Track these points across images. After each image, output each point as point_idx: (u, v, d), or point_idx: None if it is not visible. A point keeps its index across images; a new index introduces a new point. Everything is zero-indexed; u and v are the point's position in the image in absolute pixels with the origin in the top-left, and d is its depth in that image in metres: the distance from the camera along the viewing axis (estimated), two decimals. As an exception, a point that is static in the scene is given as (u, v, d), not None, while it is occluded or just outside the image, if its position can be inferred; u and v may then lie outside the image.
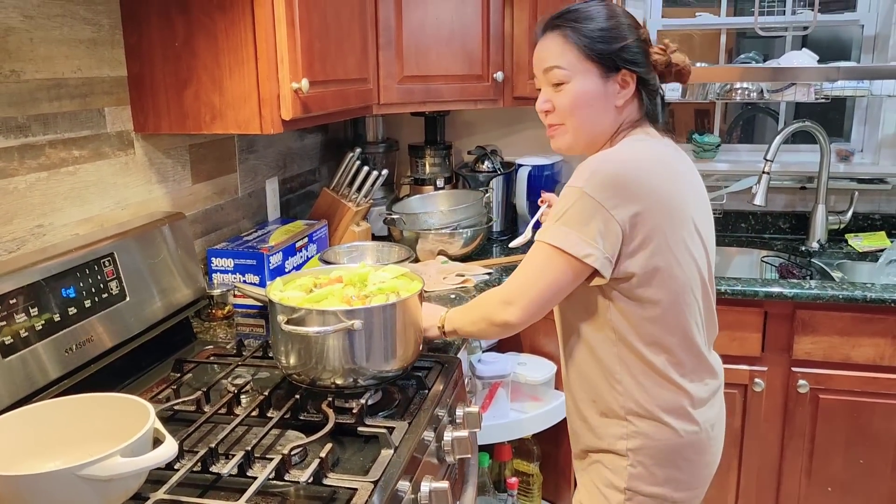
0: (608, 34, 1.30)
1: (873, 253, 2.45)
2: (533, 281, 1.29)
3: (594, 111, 1.32)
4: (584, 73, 1.30)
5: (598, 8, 1.33)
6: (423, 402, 1.39)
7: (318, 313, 1.30)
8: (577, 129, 1.34)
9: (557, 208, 1.27)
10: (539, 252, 1.28)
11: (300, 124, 1.70)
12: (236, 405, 1.36)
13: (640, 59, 1.31)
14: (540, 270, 1.28)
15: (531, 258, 1.29)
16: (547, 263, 1.27)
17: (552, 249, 1.25)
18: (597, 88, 1.30)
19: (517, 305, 1.30)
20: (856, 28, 2.65)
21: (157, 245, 1.57)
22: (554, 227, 1.25)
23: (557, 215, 1.26)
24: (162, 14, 1.56)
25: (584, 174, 1.24)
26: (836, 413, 2.12)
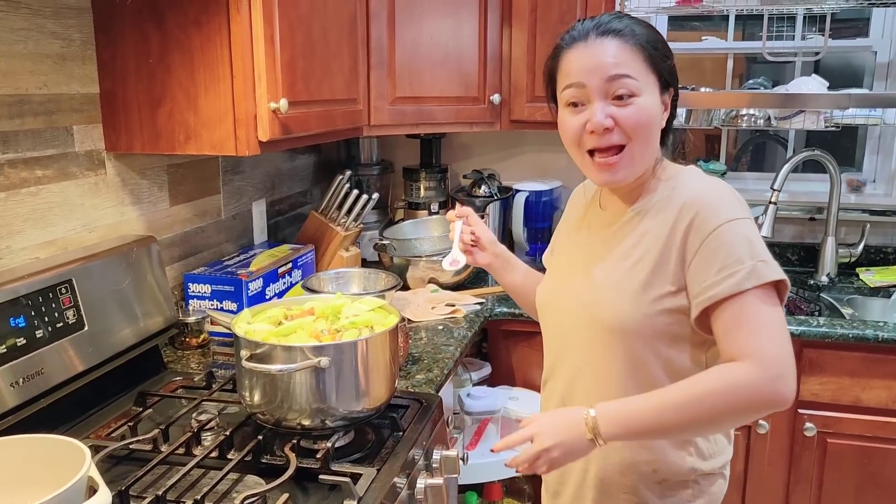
0: (664, 45, 1.14)
1: (886, 288, 2.33)
2: (784, 336, 1.04)
3: (656, 132, 1.14)
4: (651, 86, 1.11)
5: (639, 22, 1.14)
6: (396, 446, 1.30)
7: (284, 349, 1.22)
8: (640, 154, 1.13)
9: (733, 248, 1.05)
10: (766, 299, 1.04)
11: (280, 146, 1.62)
12: (195, 445, 1.28)
13: (676, 79, 1.17)
14: (780, 320, 1.04)
15: (773, 309, 1.04)
16: (776, 307, 1.05)
17: (771, 286, 1.05)
18: (657, 106, 1.13)
19: (789, 376, 1.02)
20: (867, 55, 2.56)
21: (122, 270, 1.49)
22: (764, 262, 1.04)
23: (750, 250, 1.05)
24: (136, 28, 1.49)
25: (726, 206, 1.08)
26: (845, 458, 2.01)
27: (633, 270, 1.15)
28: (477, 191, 2.58)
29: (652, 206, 1.16)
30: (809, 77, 2.29)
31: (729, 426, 1.20)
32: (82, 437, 1.30)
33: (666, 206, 1.13)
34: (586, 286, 1.21)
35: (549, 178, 2.56)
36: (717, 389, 1.03)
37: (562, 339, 1.28)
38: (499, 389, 2.11)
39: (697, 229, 1.08)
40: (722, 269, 1.04)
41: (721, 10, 2.36)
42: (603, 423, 1.06)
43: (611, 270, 1.18)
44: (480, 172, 2.59)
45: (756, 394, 1.01)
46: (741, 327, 1.03)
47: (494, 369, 2.21)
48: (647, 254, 1.14)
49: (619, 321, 1.15)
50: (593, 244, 1.25)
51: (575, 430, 1.07)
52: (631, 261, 1.16)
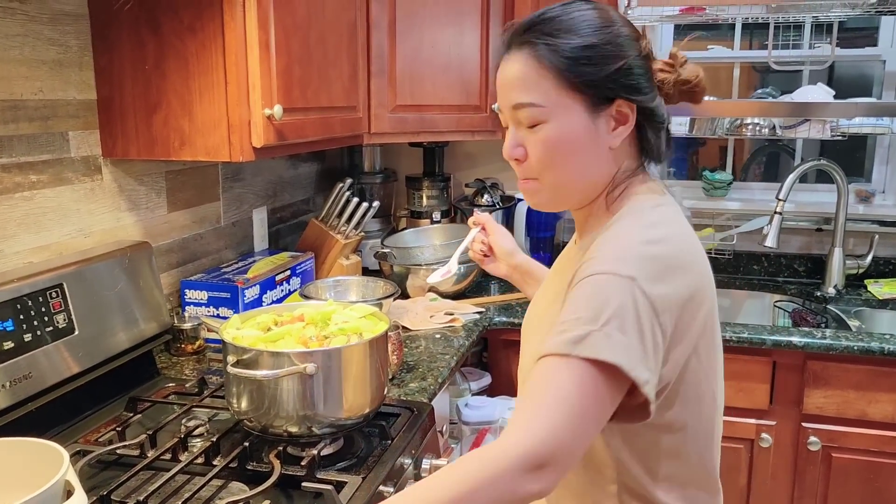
0: (598, 52, 0.93)
1: (894, 300, 2.29)
2: (569, 420, 0.79)
3: (581, 158, 0.96)
4: (565, 108, 0.94)
5: (583, 14, 0.95)
6: (384, 454, 1.29)
7: (271, 355, 1.21)
8: (559, 184, 0.98)
9: (585, 303, 0.85)
10: (571, 373, 0.81)
11: (276, 152, 1.62)
12: (182, 451, 1.27)
13: (641, 84, 0.95)
14: (580, 403, 0.80)
15: (556, 382, 0.81)
16: (591, 390, 0.81)
17: (597, 368, 0.81)
18: (583, 129, 0.94)
19: (553, 468, 0.79)
20: (877, 64, 2.53)
21: (115, 275, 1.49)
22: (610, 336, 0.81)
23: (605, 313, 0.82)
24: (133, 35, 1.50)
25: (618, 258, 0.87)
26: (850, 473, 1.96)
27: (545, 325, 0.98)
28: (479, 200, 2.57)
29: (590, 245, 0.96)
30: (815, 86, 2.26)
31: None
32: (71, 442, 1.31)
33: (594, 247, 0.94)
34: (529, 326, 1.12)
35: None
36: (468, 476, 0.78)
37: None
38: (498, 400, 2.09)
39: (576, 278, 0.89)
40: (563, 322, 0.85)
41: (726, 18, 2.34)
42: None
43: (541, 312, 1.08)
44: (483, 182, 2.59)
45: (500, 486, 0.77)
46: (536, 395, 0.81)
47: (494, 379, 2.19)
48: (555, 308, 0.96)
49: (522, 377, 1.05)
50: (549, 280, 1.14)
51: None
52: (549, 312, 1.02)
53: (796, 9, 2.23)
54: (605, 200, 0.99)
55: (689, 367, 0.92)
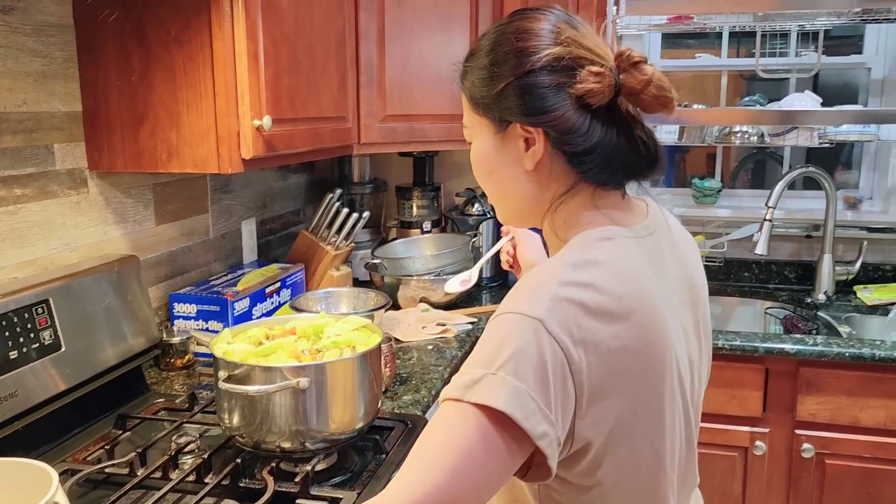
0: (486, 74, 0.89)
1: (884, 306, 2.30)
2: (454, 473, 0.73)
3: (502, 178, 0.93)
4: (479, 128, 0.93)
5: (486, 36, 0.93)
6: (379, 469, 1.27)
7: (263, 370, 1.19)
8: (493, 199, 0.98)
9: (487, 344, 0.78)
10: (463, 419, 0.74)
11: (265, 163, 1.61)
12: (172, 468, 1.24)
13: (539, 104, 0.85)
14: (468, 454, 0.73)
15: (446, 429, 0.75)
16: (482, 439, 0.73)
17: (488, 415, 0.73)
18: (493, 149, 0.91)
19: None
20: (862, 71, 2.55)
21: (102, 290, 1.47)
22: (503, 379, 0.73)
23: (497, 355, 0.75)
24: (118, 46, 1.48)
25: (523, 298, 0.79)
26: (844, 480, 1.96)
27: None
28: (470, 209, 2.56)
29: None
30: (803, 93, 2.27)
31: None
32: (59, 460, 1.28)
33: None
34: None
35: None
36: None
37: None
38: (491, 410, 2.07)
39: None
40: (465, 364, 0.79)
41: (713, 27, 2.35)
42: None
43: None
44: (473, 191, 2.58)
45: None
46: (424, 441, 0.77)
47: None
48: None
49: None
50: None
51: None
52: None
53: (783, 17, 2.25)
54: (552, 226, 0.92)
55: (623, 423, 0.81)
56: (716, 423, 2.01)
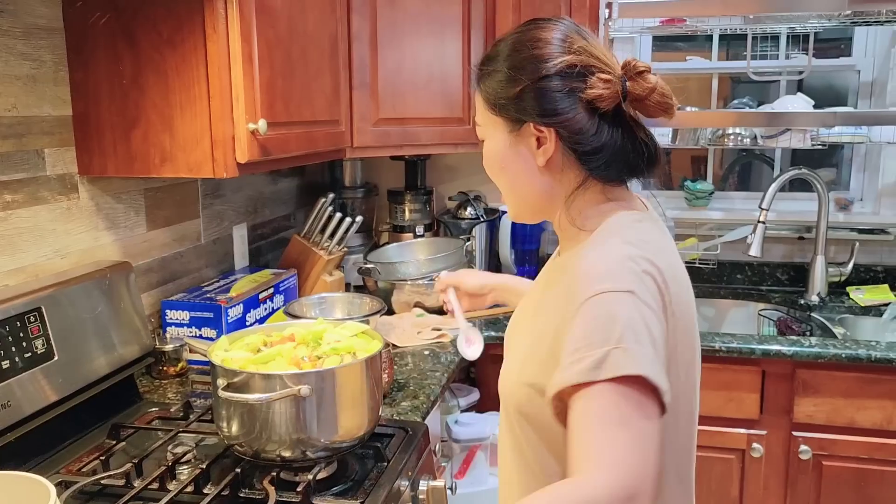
0: (504, 77, 0.96)
1: (876, 307, 2.31)
2: (639, 445, 0.77)
3: (515, 174, 1.00)
4: (493, 128, 1.00)
5: (505, 41, 1.00)
6: (381, 477, 1.25)
7: (262, 377, 1.17)
8: (506, 195, 1.05)
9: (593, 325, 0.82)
10: (606, 399, 0.79)
11: (260, 168, 1.58)
12: (170, 479, 1.22)
13: (553, 106, 0.93)
14: (637, 426, 0.78)
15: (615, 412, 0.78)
16: (636, 409, 0.79)
17: (626, 384, 0.78)
18: (507, 147, 0.98)
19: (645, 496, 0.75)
20: (850, 74, 2.57)
21: (95, 297, 1.44)
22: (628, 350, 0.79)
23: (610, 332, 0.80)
24: (109, 49, 1.45)
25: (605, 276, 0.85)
26: (841, 481, 1.96)
27: (530, 333, 1.00)
28: (463, 213, 2.54)
29: (567, 262, 0.98)
30: (795, 96, 2.28)
31: None
32: (53, 472, 1.25)
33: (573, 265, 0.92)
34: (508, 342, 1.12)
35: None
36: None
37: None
38: (487, 415, 2.05)
39: (571, 302, 0.86)
40: (575, 351, 0.82)
41: (705, 29, 2.36)
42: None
43: (520, 328, 1.07)
44: (466, 194, 2.57)
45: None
46: (588, 430, 0.79)
47: (483, 395, 2.16)
48: (541, 316, 0.99)
49: (506, 391, 1.02)
50: (532, 293, 1.11)
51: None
52: (533, 322, 1.02)
53: (773, 20, 2.26)
54: (568, 218, 0.98)
55: (676, 385, 0.86)
56: (713, 426, 2.00)
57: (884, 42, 2.44)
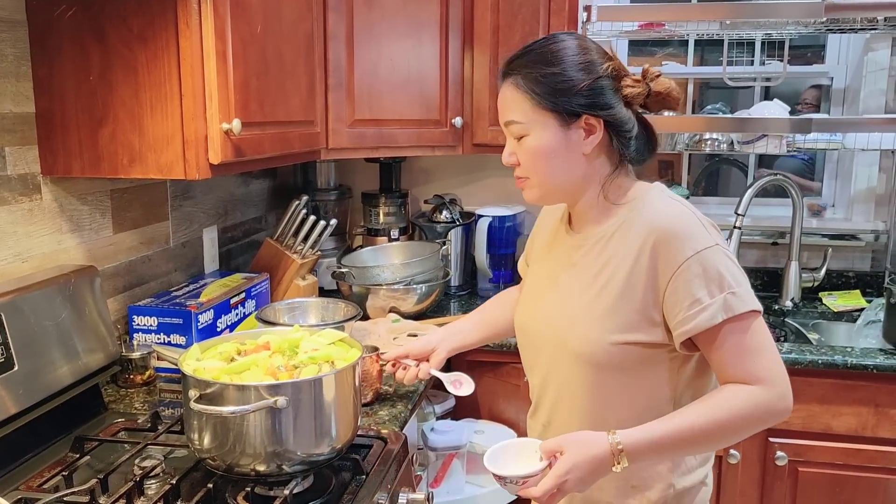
0: (563, 78, 1.13)
1: (849, 312, 2.33)
2: (777, 354, 1.11)
3: (559, 163, 1.16)
4: (541, 123, 1.15)
5: (555, 46, 1.16)
6: (359, 491, 1.21)
7: (236, 388, 1.12)
8: (543, 182, 1.19)
9: (707, 278, 1.07)
10: (757, 324, 1.10)
11: (233, 169, 1.53)
12: (137, 496, 1.16)
13: (605, 101, 1.13)
14: (769, 341, 1.11)
15: (758, 335, 1.09)
16: (760, 329, 1.10)
17: (759, 316, 1.10)
18: (557, 139, 1.15)
19: (789, 388, 1.11)
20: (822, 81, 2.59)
21: (58, 303, 1.37)
22: (734, 294, 1.07)
23: (720, 282, 1.07)
24: (76, 44, 1.39)
25: (694, 235, 1.09)
26: (817, 488, 1.97)
27: (600, 297, 1.16)
28: (438, 216, 2.51)
29: (616, 230, 1.17)
30: (772, 102, 2.29)
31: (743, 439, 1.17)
32: (12, 489, 1.19)
33: (628, 231, 1.15)
34: (556, 312, 1.23)
35: (513, 203, 2.50)
36: (740, 413, 1.08)
37: (544, 363, 1.27)
38: (464, 423, 2.02)
39: (667, 260, 1.09)
40: (694, 302, 1.08)
41: (683, 34, 2.35)
42: (630, 457, 1.08)
43: (578, 296, 1.19)
44: (442, 197, 2.53)
45: (772, 412, 1.10)
46: (741, 355, 1.08)
47: (459, 402, 2.12)
48: (611, 280, 1.15)
49: (587, 349, 1.16)
50: (564, 267, 1.25)
51: (602, 469, 1.08)
52: (597, 287, 1.17)
53: (749, 25, 2.26)
54: (604, 195, 1.19)
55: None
56: (690, 432, 1.99)
57: (857, 50, 2.46)
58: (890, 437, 1.90)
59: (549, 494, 1.06)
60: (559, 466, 1.06)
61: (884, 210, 2.45)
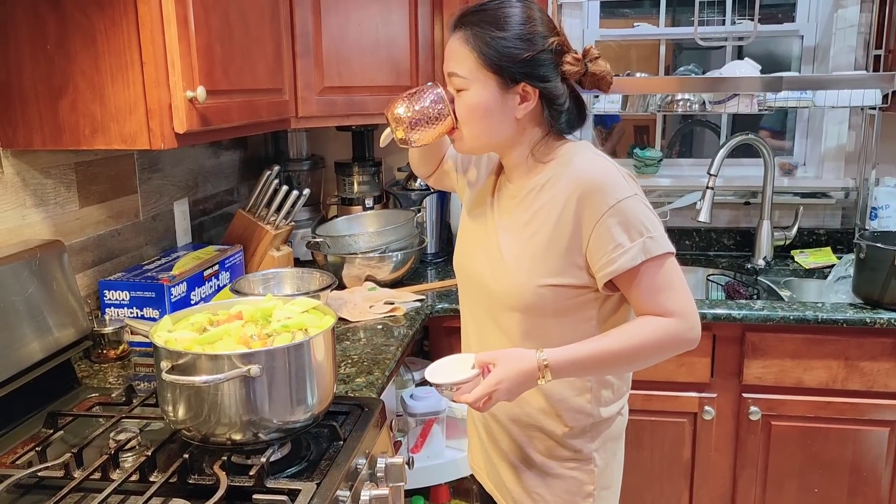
0: (511, 45, 1.18)
1: (820, 269, 2.36)
2: (688, 290, 1.20)
3: (491, 122, 1.23)
4: (482, 82, 1.20)
5: (510, 10, 1.20)
6: (337, 456, 1.21)
7: (209, 358, 1.11)
8: (475, 136, 1.25)
9: (626, 226, 1.16)
10: (671, 264, 1.18)
11: (199, 139, 1.50)
12: (113, 468, 1.15)
13: (544, 73, 1.20)
14: (681, 278, 1.19)
15: (671, 274, 1.18)
16: (674, 268, 1.19)
17: (672, 257, 1.19)
18: (494, 100, 1.21)
19: (698, 325, 1.19)
20: (790, 40, 2.59)
21: (24, 279, 1.35)
22: (652, 238, 1.16)
23: (638, 228, 1.16)
24: (30, 11, 1.35)
25: (615, 187, 1.17)
26: (789, 440, 2.01)
27: (529, 244, 1.24)
28: (412, 184, 2.49)
29: (545, 183, 1.24)
30: (743, 61, 2.29)
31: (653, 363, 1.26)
32: (-16, 466, 1.17)
33: (555, 184, 1.22)
34: (489, 257, 1.30)
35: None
36: (653, 342, 1.18)
37: (475, 306, 1.37)
38: (442, 388, 2.03)
39: (590, 210, 1.17)
40: (617, 247, 1.16)
41: (653, -6, 2.33)
42: (554, 373, 1.17)
43: (509, 245, 1.27)
44: (415, 165, 2.51)
45: (681, 342, 1.18)
46: (656, 292, 1.17)
47: (437, 368, 2.13)
48: (539, 229, 1.23)
49: (516, 292, 1.24)
50: (500, 213, 1.32)
51: (529, 382, 1.17)
52: (526, 234, 1.25)
53: (721, -16, 2.25)
54: (533, 155, 1.26)
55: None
56: (665, 391, 2.02)
57: (826, 7, 2.46)
58: (859, 388, 1.94)
59: (481, 401, 1.16)
60: (491, 377, 1.16)
61: (853, 168, 2.48)
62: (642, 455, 2.08)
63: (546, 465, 1.34)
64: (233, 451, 1.17)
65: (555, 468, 1.33)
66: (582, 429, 1.31)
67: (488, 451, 1.42)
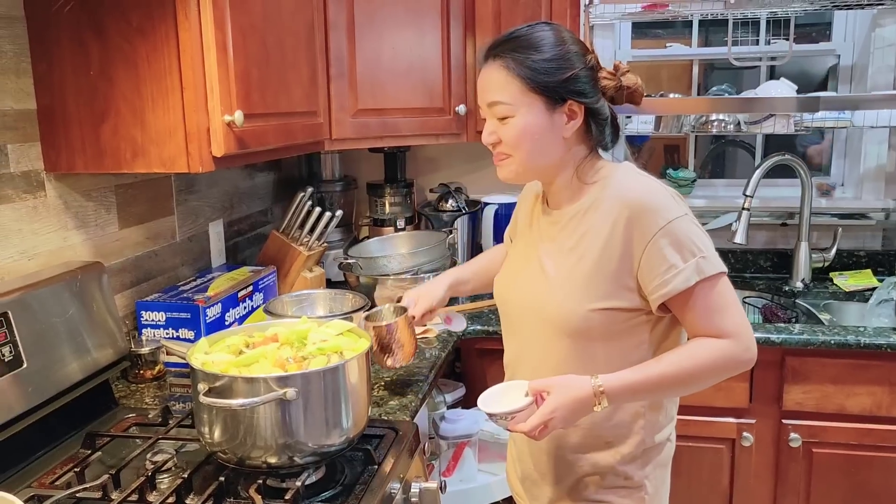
0: (553, 65, 1.20)
1: (860, 292, 2.31)
2: (741, 310, 1.20)
3: (541, 144, 1.23)
4: (528, 105, 1.21)
5: (543, 34, 1.22)
6: (372, 481, 1.20)
7: (245, 381, 1.11)
8: (523, 161, 1.25)
9: (677, 247, 1.16)
10: (724, 284, 1.18)
11: (236, 161, 1.52)
12: (150, 490, 1.16)
13: (587, 89, 1.22)
14: (735, 298, 1.19)
15: (726, 294, 1.18)
16: (727, 288, 1.19)
17: (725, 276, 1.18)
18: (543, 121, 1.22)
19: (754, 341, 1.19)
20: (827, 59, 2.56)
21: (65, 300, 1.37)
22: (705, 258, 1.16)
23: (690, 248, 1.16)
24: (75, 39, 1.38)
25: (664, 207, 1.17)
26: (831, 468, 1.96)
27: (576, 268, 1.23)
28: (444, 205, 2.50)
29: (590, 206, 1.24)
30: (779, 81, 2.27)
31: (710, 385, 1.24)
32: (24, 486, 1.19)
33: (600, 206, 1.22)
34: (535, 284, 1.29)
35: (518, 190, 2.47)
36: (709, 364, 1.17)
37: (521, 334, 1.35)
38: (474, 411, 2.01)
39: (641, 231, 1.17)
40: (670, 267, 1.15)
41: (687, 14, 2.33)
42: (610, 399, 1.15)
43: (556, 269, 1.27)
44: (447, 186, 2.52)
45: (738, 363, 1.18)
46: (711, 312, 1.16)
47: (469, 390, 2.12)
48: (587, 252, 1.22)
49: (565, 317, 1.23)
50: (542, 241, 1.32)
51: (585, 409, 1.16)
52: (574, 259, 1.24)
53: (754, 4, 2.23)
54: (577, 176, 1.26)
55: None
56: (703, 416, 1.98)
57: (864, 26, 2.43)
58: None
59: (537, 430, 1.14)
60: (546, 405, 1.14)
61: (894, 188, 2.43)
62: (680, 482, 2.01)
63: (597, 493, 1.30)
64: (268, 474, 1.17)
65: (605, 496, 1.30)
66: (633, 455, 1.28)
67: (534, 478, 1.38)
